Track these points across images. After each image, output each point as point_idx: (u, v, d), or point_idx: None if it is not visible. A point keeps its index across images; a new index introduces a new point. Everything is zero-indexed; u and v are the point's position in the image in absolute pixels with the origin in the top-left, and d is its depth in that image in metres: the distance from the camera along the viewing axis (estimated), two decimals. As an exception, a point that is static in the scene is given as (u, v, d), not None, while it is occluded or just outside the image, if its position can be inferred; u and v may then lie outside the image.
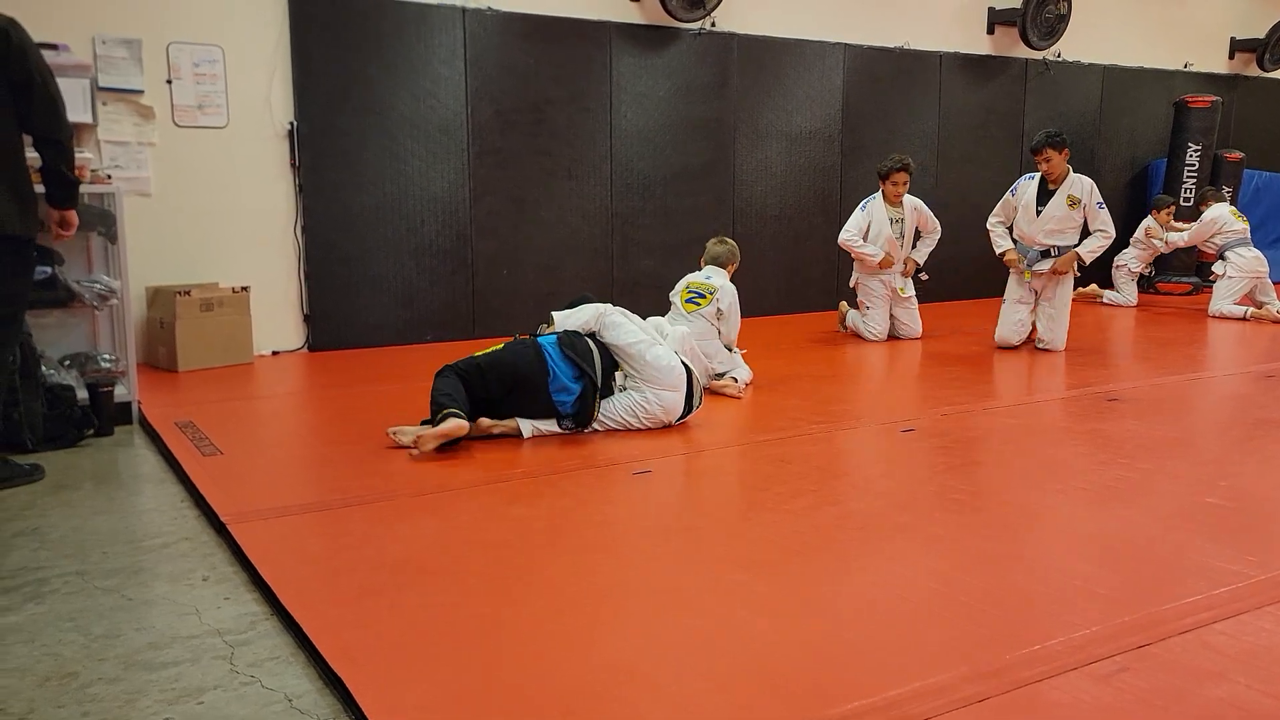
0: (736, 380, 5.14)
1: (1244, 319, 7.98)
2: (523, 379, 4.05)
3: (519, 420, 4.07)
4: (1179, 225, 9.03)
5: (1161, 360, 6.29)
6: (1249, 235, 8.36)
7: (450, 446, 3.88)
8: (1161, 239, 8.94)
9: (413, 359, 6.30)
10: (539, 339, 4.19)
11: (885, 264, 6.93)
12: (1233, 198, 10.21)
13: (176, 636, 2.35)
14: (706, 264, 5.51)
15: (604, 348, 4.26)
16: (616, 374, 4.30)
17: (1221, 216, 8.39)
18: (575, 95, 7.33)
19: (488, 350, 4.12)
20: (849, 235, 7.02)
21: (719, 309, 5.27)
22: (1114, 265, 9.24)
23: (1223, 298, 8.21)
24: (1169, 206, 9.22)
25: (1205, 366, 6.08)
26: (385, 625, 2.34)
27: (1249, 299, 8.19)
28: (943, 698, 1.99)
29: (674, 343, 4.52)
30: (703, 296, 5.35)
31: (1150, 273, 9.70)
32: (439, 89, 6.79)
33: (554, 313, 4.37)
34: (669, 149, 7.78)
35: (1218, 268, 8.36)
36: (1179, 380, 5.53)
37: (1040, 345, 6.49)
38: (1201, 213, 8.68)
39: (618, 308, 4.42)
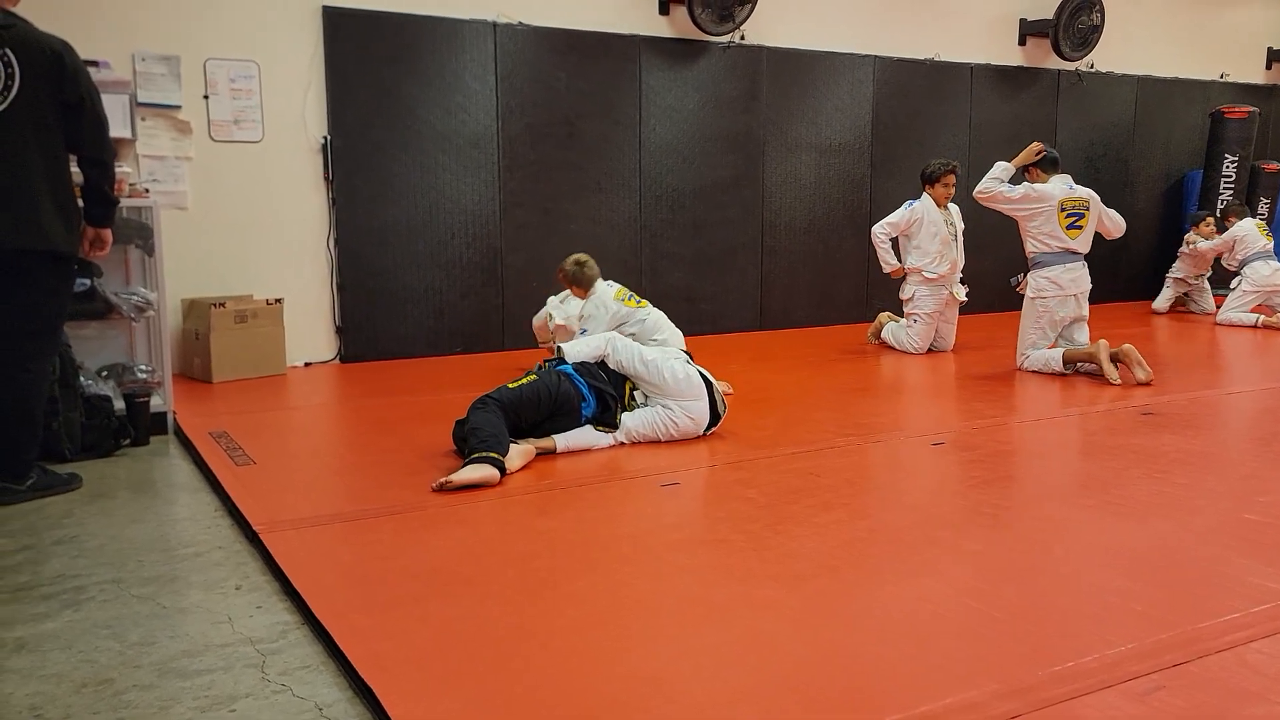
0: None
1: (1255, 326, 8.17)
2: (560, 405, 4.10)
3: (554, 437, 4.09)
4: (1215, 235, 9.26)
5: (1197, 374, 6.19)
6: (1272, 250, 8.51)
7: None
8: (1200, 241, 9.12)
9: (443, 371, 6.34)
10: (562, 368, 4.22)
11: (896, 273, 7.02)
12: (1270, 209, 10.11)
13: (209, 644, 2.38)
14: (597, 283, 5.69)
15: (614, 372, 4.31)
16: (637, 393, 4.34)
17: (1247, 230, 8.59)
18: (605, 109, 7.37)
19: (520, 382, 4.09)
20: (880, 229, 6.98)
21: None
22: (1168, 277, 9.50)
23: (1231, 307, 8.42)
24: (1205, 219, 9.28)
25: (1242, 380, 5.98)
26: (415, 635, 2.35)
27: (1264, 309, 8.35)
28: (973, 714, 1.97)
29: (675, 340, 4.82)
30: (635, 298, 5.76)
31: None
32: (470, 103, 6.85)
33: (561, 345, 4.40)
34: (698, 162, 7.79)
35: (1235, 282, 8.54)
36: (1215, 394, 5.45)
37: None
38: (1228, 227, 8.85)
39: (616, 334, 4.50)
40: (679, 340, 5.65)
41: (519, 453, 3.85)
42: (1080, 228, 6.01)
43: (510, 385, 4.07)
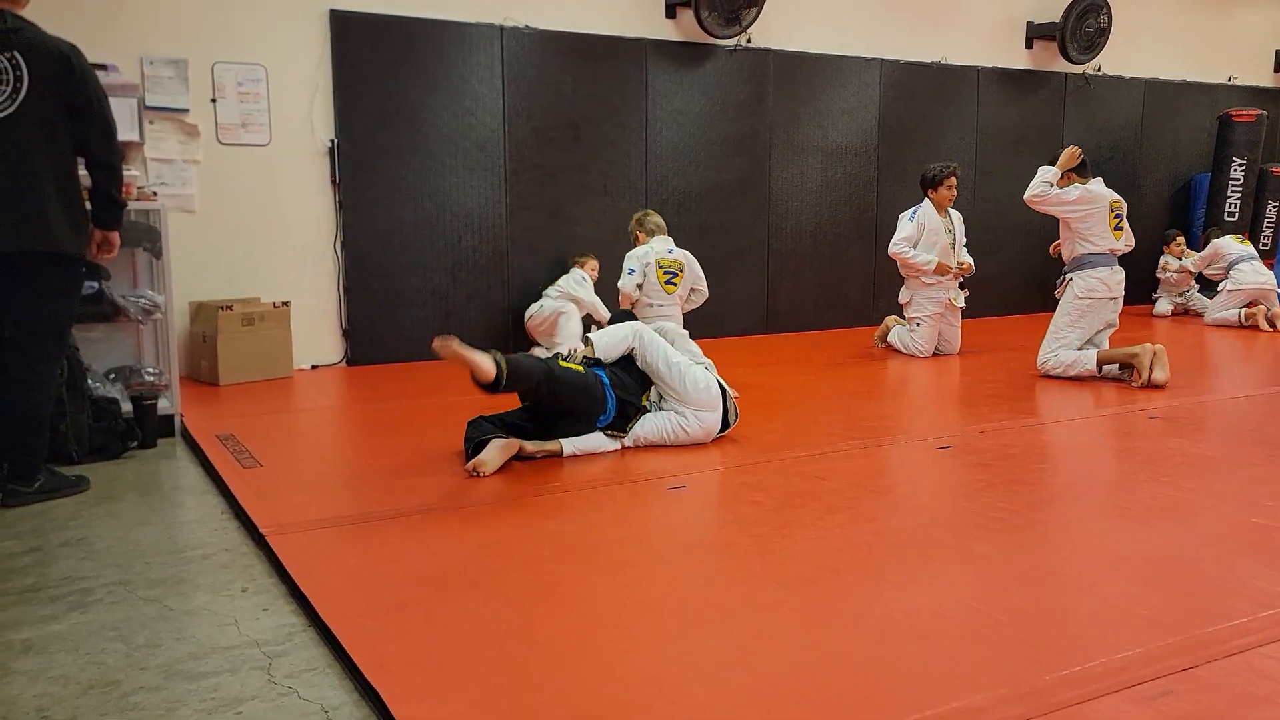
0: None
1: (1240, 324, 8.38)
2: (584, 408, 4.07)
3: (561, 441, 4.07)
4: (1190, 252, 9.46)
5: (1204, 378, 6.18)
6: (1255, 255, 8.69)
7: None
8: (1173, 271, 9.38)
9: (450, 374, 6.32)
10: (597, 371, 4.19)
11: (942, 270, 6.83)
12: (1278, 213, 10.10)
13: (216, 647, 2.38)
14: (654, 236, 5.97)
15: (640, 374, 4.28)
16: (652, 389, 4.33)
17: (1224, 244, 8.79)
18: (611, 112, 7.37)
19: (571, 365, 4.07)
20: (901, 247, 6.86)
21: (691, 287, 6.02)
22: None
23: (1218, 309, 8.63)
24: (1175, 238, 9.54)
25: (1248, 384, 5.96)
26: (421, 638, 2.36)
27: (1251, 306, 8.50)
28: (979, 718, 1.96)
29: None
30: (676, 275, 5.90)
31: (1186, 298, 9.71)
32: (477, 106, 6.87)
33: (590, 335, 4.37)
34: (704, 165, 7.79)
35: (1221, 284, 8.70)
36: (1222, 398, 5.44)
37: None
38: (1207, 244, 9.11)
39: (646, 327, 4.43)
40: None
41: (499, 447, 3.83)
42: (1121, 229, 6.03)
43: (561, 363, 4.04)
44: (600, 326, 5.95)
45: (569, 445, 4.06)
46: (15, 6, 3.53)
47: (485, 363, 3.65)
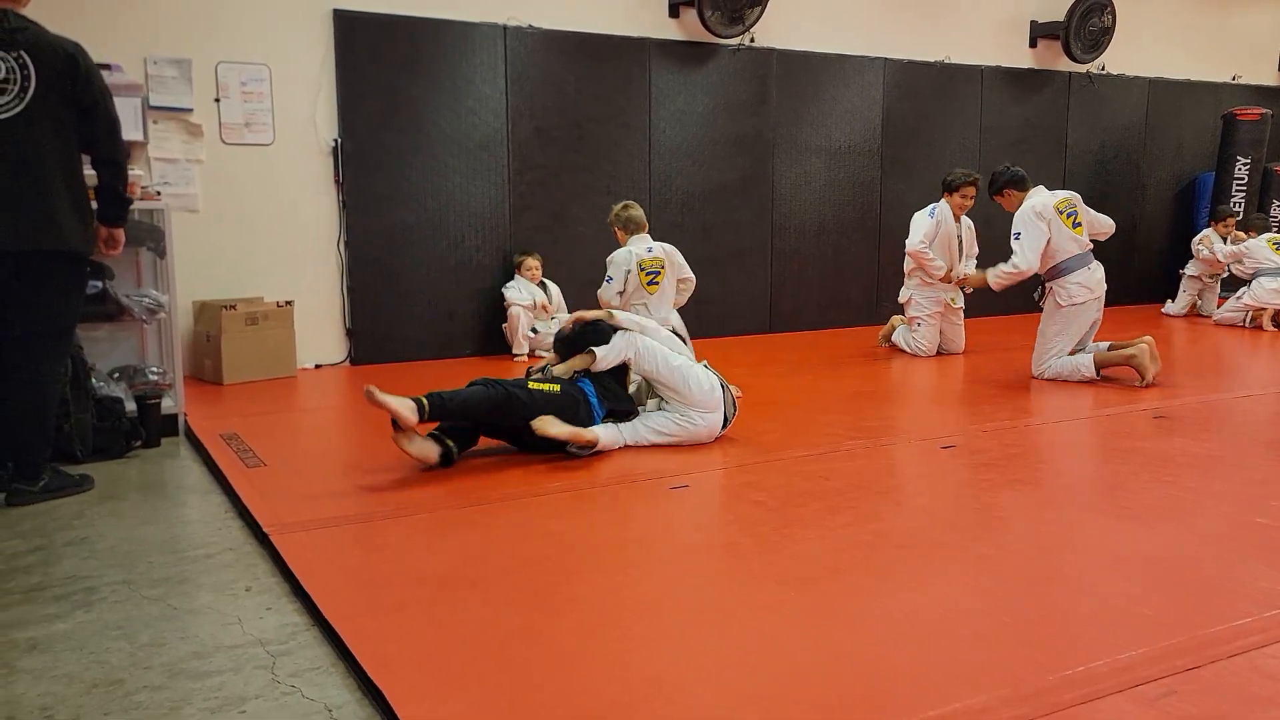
0: None
1: (1243, 325, 8.41)
2: (569, 418, 4.07)
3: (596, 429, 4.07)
4: (1241, 235, 9.06)
5: (1208, 377, 6.17)
6: None
7: (493, 454, 3.90)
8: (1209, 248, 9.07)
9: (453, 374, 6.33)
10: (583, 385, 4.18)
11: (947, 278, 6.87)
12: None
13: (220, 646, 2.39)
14: (634, 234, 5.76)
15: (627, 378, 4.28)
16: (650, 401, 4.34)
17: (1257, 248, 8.65)
18: (615, 111, 7.37)
19: (542, 387, 4.04)
20: (922, 245, 6.84)
21: (677, 278, 5.75)
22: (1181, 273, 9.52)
23: (1225, 309, 8.66)
24: (1228, 218, 9.15)
25: (1253, 384, 5.95)
26: (424, 637, 2.36)
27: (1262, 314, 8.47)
28: (982, 719, 1.96)
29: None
30: (658, 274, 5.69)
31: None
32: (480, 106, 6.87)
33: (594, 349, 4.27)
34: (708, 164, 7.79)
35: (1241, 290, 8.63)
36: (1227, 398, 5.43)
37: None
38: (1249, 237, 8.90)
39: (643, 334, 4.40)
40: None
41: (386, 400, 3.82)
42: (1080, 224, 5.97)
43: (530, 385, 4.02)
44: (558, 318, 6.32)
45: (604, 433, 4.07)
46: (17, 6, 3.54)
47: (408, 414, 3.72)
